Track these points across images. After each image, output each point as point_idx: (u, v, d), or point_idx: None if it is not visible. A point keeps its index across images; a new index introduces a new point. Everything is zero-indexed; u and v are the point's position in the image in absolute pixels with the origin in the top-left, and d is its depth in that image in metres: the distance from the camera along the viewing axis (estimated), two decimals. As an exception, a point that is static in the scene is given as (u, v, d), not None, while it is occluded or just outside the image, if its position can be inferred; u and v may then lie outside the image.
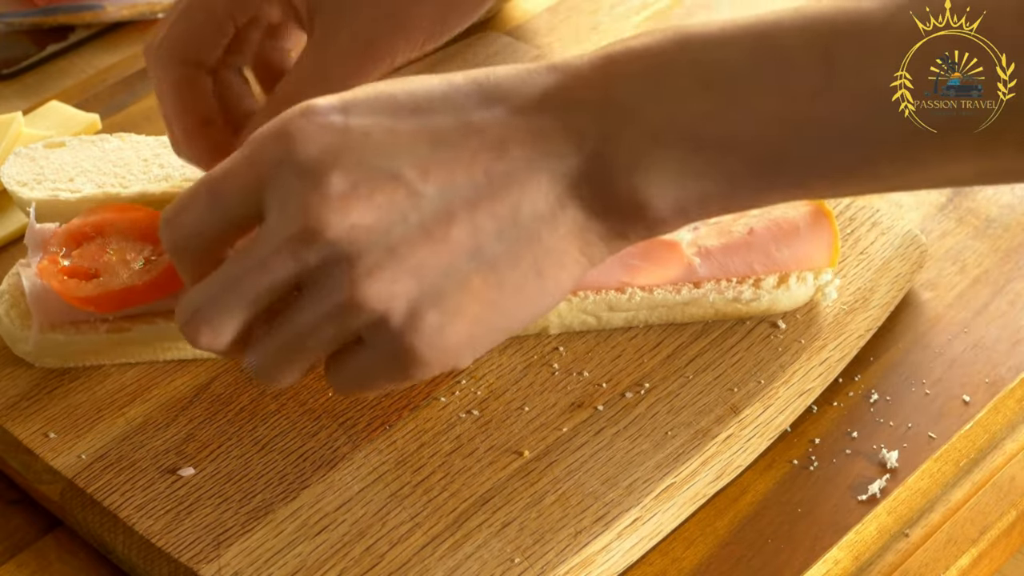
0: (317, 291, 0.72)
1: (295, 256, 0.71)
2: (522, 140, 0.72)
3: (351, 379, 0.75)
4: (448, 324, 0.72)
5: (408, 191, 0.71)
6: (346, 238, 0.70)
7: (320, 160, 0.71)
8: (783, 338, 0.93)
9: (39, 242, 0.96)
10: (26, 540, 0.89)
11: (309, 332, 0.73)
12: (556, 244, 0.73)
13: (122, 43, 1.30)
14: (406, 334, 0.71)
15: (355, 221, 0.70)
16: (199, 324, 0.74)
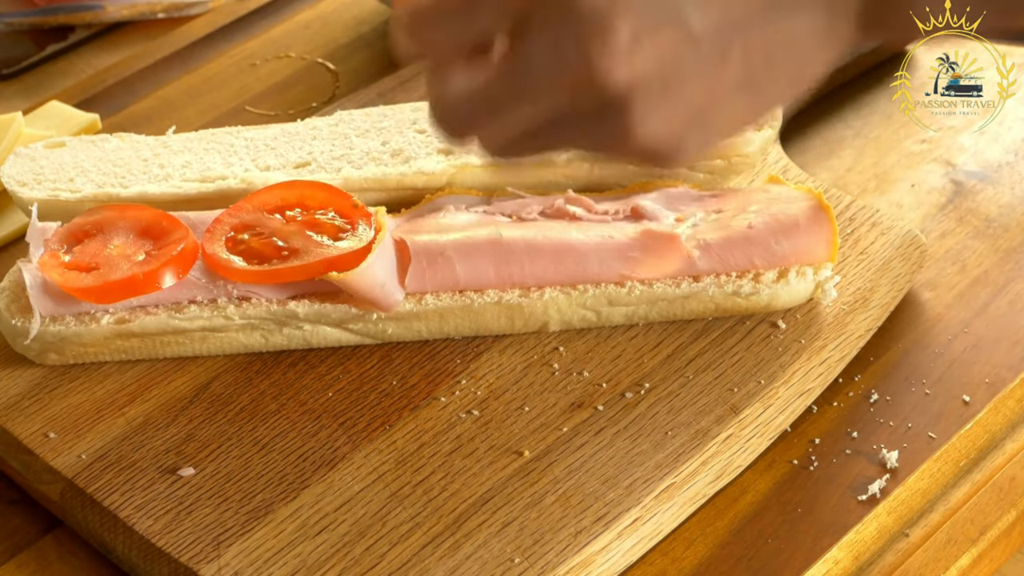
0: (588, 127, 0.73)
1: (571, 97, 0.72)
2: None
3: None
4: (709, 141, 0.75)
5: (687, 35, 0.71)
6: (626, 87, 0.71)
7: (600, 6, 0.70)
8: (783, 338, 0.93)
9: (40, 239, 0.96)
10: (26, 540, 0.89)
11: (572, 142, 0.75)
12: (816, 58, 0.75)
13: (122, 43, 1.30)
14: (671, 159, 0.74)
15: (637, 71, 0.71)
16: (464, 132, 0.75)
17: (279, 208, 0.97)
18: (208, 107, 1.19)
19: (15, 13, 1.29)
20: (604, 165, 1.02)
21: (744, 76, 0.73)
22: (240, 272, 0.93)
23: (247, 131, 1.06)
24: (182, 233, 0.95)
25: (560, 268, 0.94)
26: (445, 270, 0.93)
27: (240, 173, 1.02)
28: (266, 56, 1.24)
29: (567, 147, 0.76)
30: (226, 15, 1.29)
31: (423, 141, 1.04)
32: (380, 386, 0.92)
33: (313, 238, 0.94)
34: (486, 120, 0.74)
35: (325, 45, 1.25)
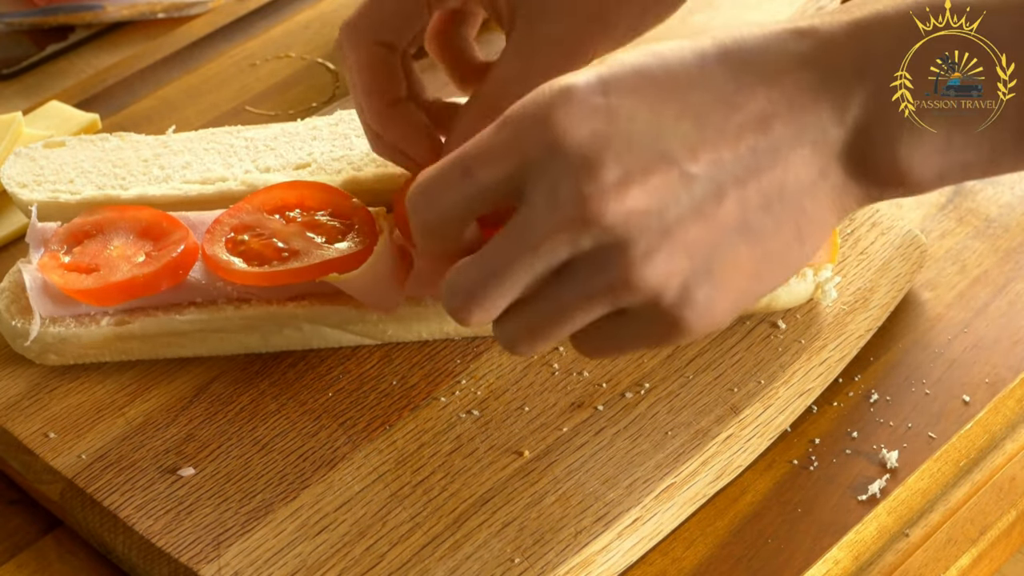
0: (588, 272, 0.73)
1: (570, 242, 0.72)
2: (784, 115, 0.73)
3: (603, 345, 0.77)
4: (717, 296, 0.73)
5: (680, 173, 0.72)
6: (623, 224, 0.71)
7: (591, 147, 0.71)
8: (783, 338, 0.93)
9: (40, 240, 0.96)
10: (26, 540, 0.89)
11: (574, 309, 0.74)
12: (817, 210, 0.74)
13: (122, 43, 1.30)
14: (677, 308, 0.73)
15: (631, 207, 0.71)
16: (471, 307, 0.75)
17: (279, 209, 0.97)
18: (208, 107, 1.19)
19: (15, 13, 1.29)
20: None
21: (743, 220, 0.72)
22: (240, 273, 0.93)
23: (247, 131, 1.06)
24: (182, 234, 0.95)
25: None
26: (445, 273, 0.93)
27: (240, 175, 1.02)
28: (266, 56, 1.24)
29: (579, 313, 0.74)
30: (226, 15, 1.29)
31: (423, 141, 1.04)
32: (380, 386, 0.92)
33: (313, 240, 0.94)
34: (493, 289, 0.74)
35: (325, 45, 1.25)
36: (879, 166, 0.74)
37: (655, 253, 0.71)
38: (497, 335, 0.77)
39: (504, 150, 0.73)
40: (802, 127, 0.73)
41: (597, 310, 0.74)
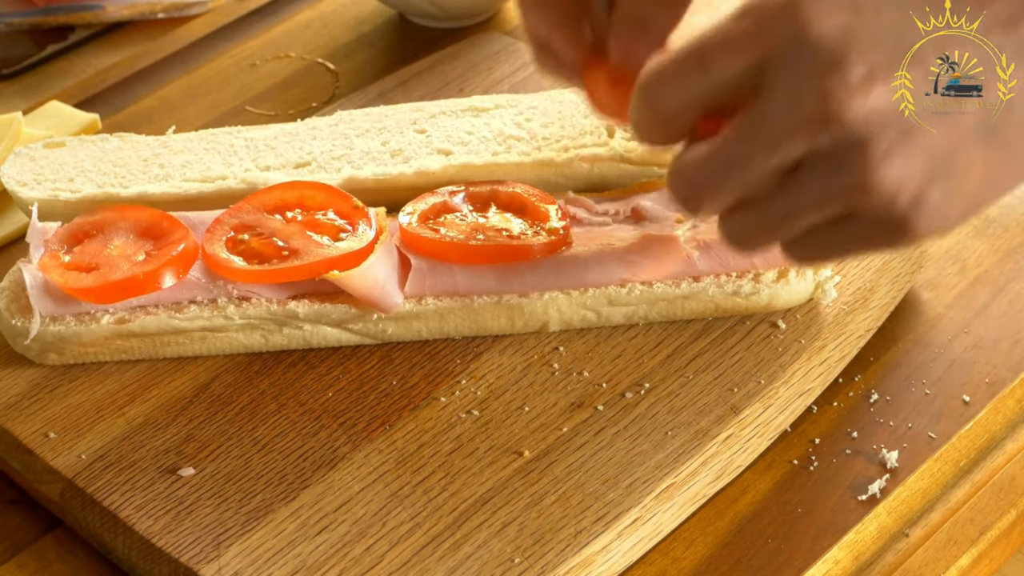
0: (825, 171, 0.71)
1: (809, 138, 0.71)
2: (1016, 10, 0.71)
3: (823, 250, 0.76)
4: (949, 200, 0.72)
5: (924, 71, 0.71)
6: (864, 122, 0.70)
7: (837, 40, 0.70)
8: (783, 338, 0.93)
9: (40, 240, 0.96)
10: (26, 540, 0.89)
11: (807, 208, 0.73)
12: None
13: (122, 43, 1.30)
14: (910, 211, 0.72)
15: (874, 105, 0.70)
16: (701, 198, 0.74)
17: (279, 208, 0.97)
18: (208, 107, 1.19)
19: (15, 13, 1.29)
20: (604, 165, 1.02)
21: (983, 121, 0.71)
22: (240, 272, 0.93)
23: (247, 131, 1.06)
24: (182, 233, 0.95)
25: (560, 276, 0.94)
26: (445, 278, 0.93)
27: (240, 173, 1.02)
28: (266, 56, 1.24)
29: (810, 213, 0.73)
30: (226, 15, 1.29)
31: (423, 141, 1.04)
32: (380, 386, 0.92)
33: (313, 238, 0.94)
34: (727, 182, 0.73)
35: (325, 45, 1.25)
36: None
37: (895, 155, 0.70)
38: (723, 231, 0.76)
39: (745, 39, 0.71)
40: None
41: (829, 211, 0.73)
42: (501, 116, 1.06)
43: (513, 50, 1.19)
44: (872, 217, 0.72)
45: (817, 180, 0.72)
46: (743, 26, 0.72)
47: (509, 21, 1.26)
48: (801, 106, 0.70)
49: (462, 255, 0.93)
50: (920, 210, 0.72)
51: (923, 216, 0.72)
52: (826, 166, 0.71)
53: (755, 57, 0.71)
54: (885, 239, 0.73)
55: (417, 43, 1.24)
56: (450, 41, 1.22)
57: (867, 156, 0.70)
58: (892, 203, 0.71)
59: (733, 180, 0.73)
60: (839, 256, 0.77)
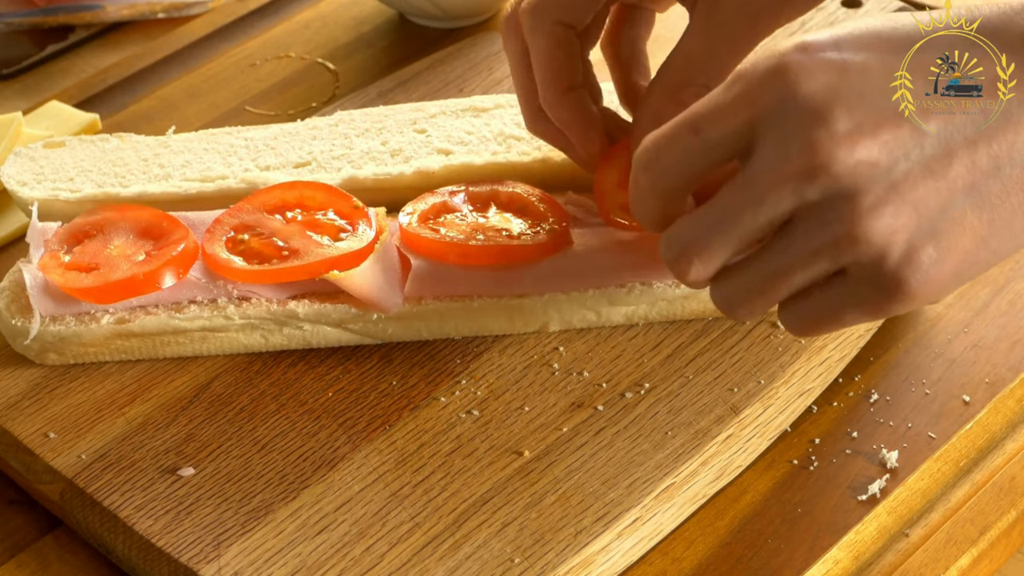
0: (813, 224, 0.72)
1: (796, 191, 0.71)
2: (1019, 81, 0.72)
3: (817, 316, 0.76)
4: (942, 259, 0.72)
5: (911, 128, 0.72)
6: (851, 174, 0.71)
7: (823, 97, 0.71)
8: (783, 338, 0.93)
9: (41, 240, 0.96)
10: (26, 540, 0.89)
11: (795, 265, 0.74)
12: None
13: (122, 43, 1.30)
14: (901, 268, 0.72)
15: (860, 158, 0.71)
16: (691, 258, 0.75)
17: (279, 208, 0.97)
18: (208, 107, 1.19)
19: (15, 13, 1.29)
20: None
21: (971, 183, 0.72)
22: (240, 272, 0.93)
23: (247, 131, 1.06)
24: (182, 233, 0.95)
25: (560, 276, 0.94)
26: (445, 278, 0.93)
27: (240, 173, 1.02)
28: (266, 56, 1.24)
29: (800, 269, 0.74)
30: (226, 15, 1.29)
31: (423, 141, 1.04)
32: (380, 386, 0.92)
33: (313, 238, 0.94)
34: (716, 239, 0.74)
35: (325, 45, 1.25)
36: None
37: (883, 206, 0.71)
38: (714, 296, 0.77)
39: (736, 104, 0.73)
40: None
41: (818, 267, 0.73)
42: (501, 116, 1.06)
43: (513, 50, 1.19)
44: (864, 275, 0.73)
45: (806, 233, 0.72)
46: (733, 92, 0.73)
47: (509, 21, 1.26)
48: (789, 159, 0.71)
49: (462, 255, 0.93)
50: (912, 267, 0.72)
51: (916, 274, 0.72)
52: (815, 219, 0.72)
53: (746, 119, 0.73)
54: (879, 300, 0.74)
55: (417, 43, 1.24)
56: (450, 41, 1.22)
57: (855, 207, 0.71)
58: (883, 257, 0.72)
59: (722, 237, 0.74)
60: (833, 322, 0.77)
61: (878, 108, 0.71)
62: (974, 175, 0.72)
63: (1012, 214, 0.73)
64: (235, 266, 0.93)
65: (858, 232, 0.71)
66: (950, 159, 0.72)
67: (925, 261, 0.72)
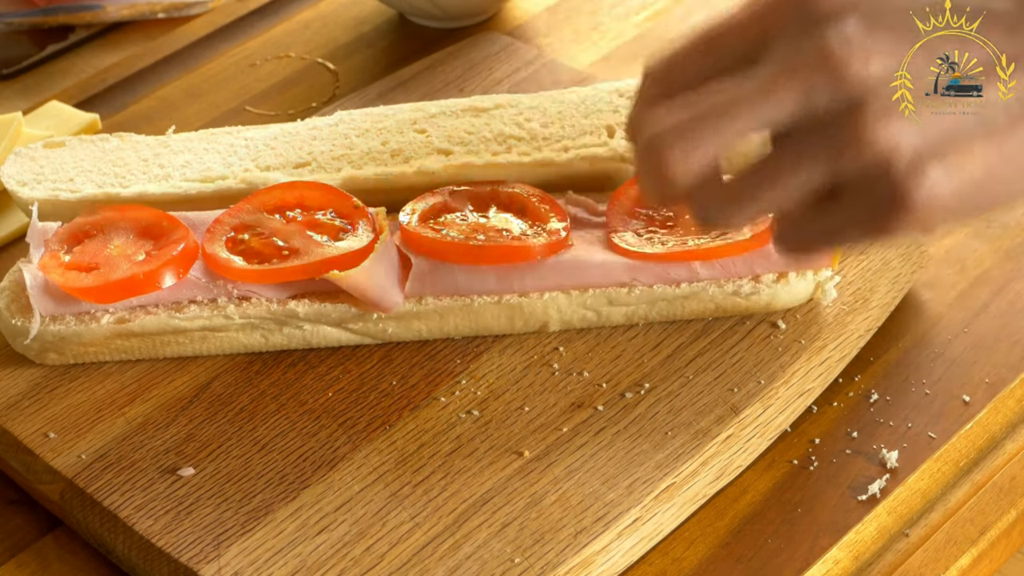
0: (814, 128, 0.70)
1: (804, 91, 0.69)
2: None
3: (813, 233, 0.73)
4: (946, 181, 0.70)
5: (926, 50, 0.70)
6: (863, 80, 0.69)
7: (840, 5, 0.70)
8: (783, 338, 0.93)
9: (41, 240, 0.96)
10: (26, 540, 0.89)
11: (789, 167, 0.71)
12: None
13: (122, 43, 1.30)
14: (906, 179, 0.69)
15: (873, 67, 0.69)
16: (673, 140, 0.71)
17: (279, 208, 0.97)
18: (208, 107, 1.19)
19: (15, 13, 1.29)
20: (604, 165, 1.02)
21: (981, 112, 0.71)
22: (240, 272, 0.93)
23: (247, 131, 1.06)
24: (182, 233, 0.95)
25: (560, 276, 0.94)
26: (446, 278, 0.93)
27: (240, 173, 1.02)
28: (266, 56, 1.24)
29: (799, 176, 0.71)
30: (226, 15, 1.29)
31: (423, 141, 1.04)
32: (380, 386, 0.92)
33: (313, 238, 0.94)
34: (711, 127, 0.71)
35: (325, 45, 1.25)
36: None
37: (892, 117, 0.69)
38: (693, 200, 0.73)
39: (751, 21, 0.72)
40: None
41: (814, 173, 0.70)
42: (501, 116, 1.06)
43: (513, 50, 1.19)
44: (866, 185, 0.70)
45: (806, 136, 0.70)
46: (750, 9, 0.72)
47: (509, 21, 1.26)
48: (799, 57, 0.69)
49: (462, 255, 0.93)
50: (917, 180, 0.70)
51: (920, 187, 0.70)
52: (817, 122, 0.70)
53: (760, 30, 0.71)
54: (878, 214, 0.71)
55: (417, 43, 1.24)
56: (450, 41, 1.22)
57: (864, 113, 0.69)
58: (887, 165, 0.69)
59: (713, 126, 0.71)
60: (834, 241, 0.74)
61: (895, 18, 0.71)
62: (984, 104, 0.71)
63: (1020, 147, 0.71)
64: (235, 266, 0.93)
65: (864, 136, 0.69)
66: (962, 99, 0.70)
67: (930, 178, 0.70)
